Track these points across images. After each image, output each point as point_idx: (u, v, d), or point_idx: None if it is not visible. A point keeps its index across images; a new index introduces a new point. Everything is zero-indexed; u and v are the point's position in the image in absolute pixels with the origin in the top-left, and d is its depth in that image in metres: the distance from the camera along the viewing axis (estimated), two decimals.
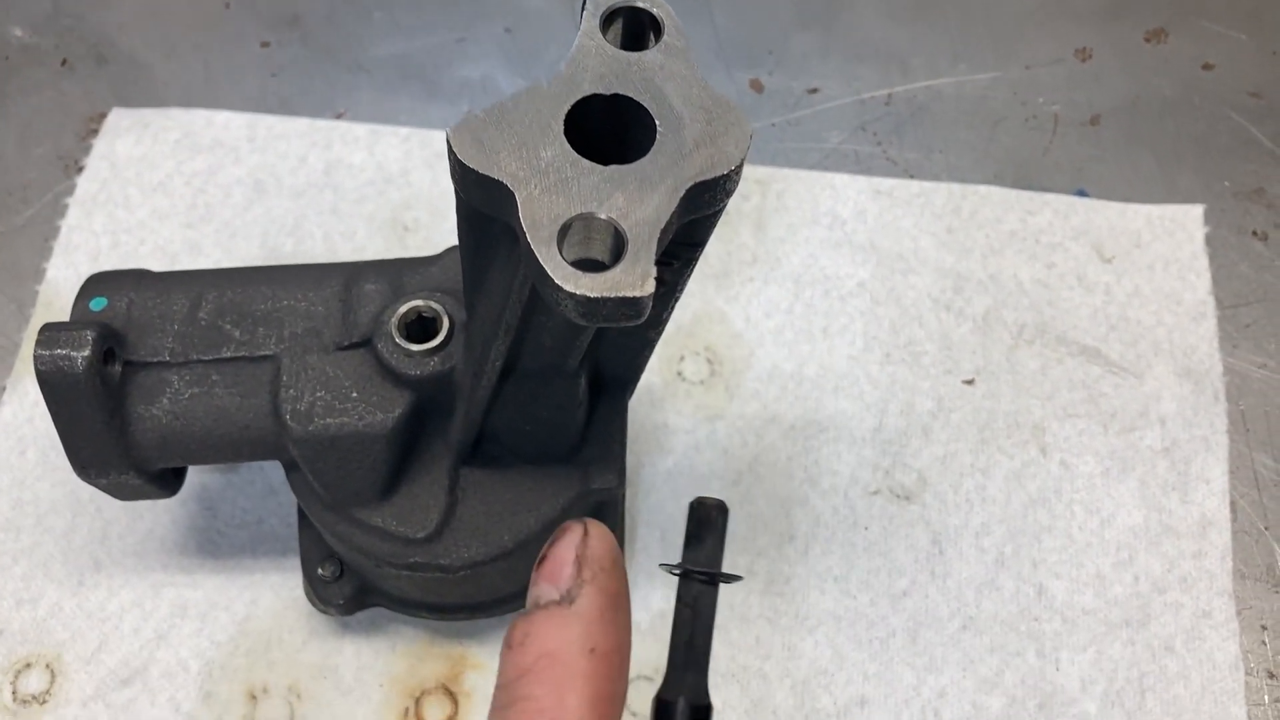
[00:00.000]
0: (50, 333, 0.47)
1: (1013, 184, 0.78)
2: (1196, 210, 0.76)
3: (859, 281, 0.73)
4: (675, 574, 0.43)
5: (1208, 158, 0.80)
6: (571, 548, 0.34)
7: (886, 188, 0.77)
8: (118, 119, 0.80)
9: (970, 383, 0.70)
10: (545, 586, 0.34)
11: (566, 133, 0.32)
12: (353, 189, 0.77)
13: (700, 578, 0.42)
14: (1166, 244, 0.75)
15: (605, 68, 0.33)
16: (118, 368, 0.50)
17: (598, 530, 0.35)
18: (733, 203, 0.75)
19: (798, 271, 0.74)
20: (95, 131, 0.80)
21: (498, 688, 0.33)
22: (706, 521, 0.42)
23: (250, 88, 0.83)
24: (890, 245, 0.75)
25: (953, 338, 0.71)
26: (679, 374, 0.70)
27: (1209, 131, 0.81)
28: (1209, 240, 0.75)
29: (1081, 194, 0.78)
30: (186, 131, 0.79)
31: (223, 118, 0.80)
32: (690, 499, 0.45)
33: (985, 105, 0.83)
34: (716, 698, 0.60)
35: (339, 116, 0.81)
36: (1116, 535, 0.65)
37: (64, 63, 0.84)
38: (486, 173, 0.32)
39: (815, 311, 0.72)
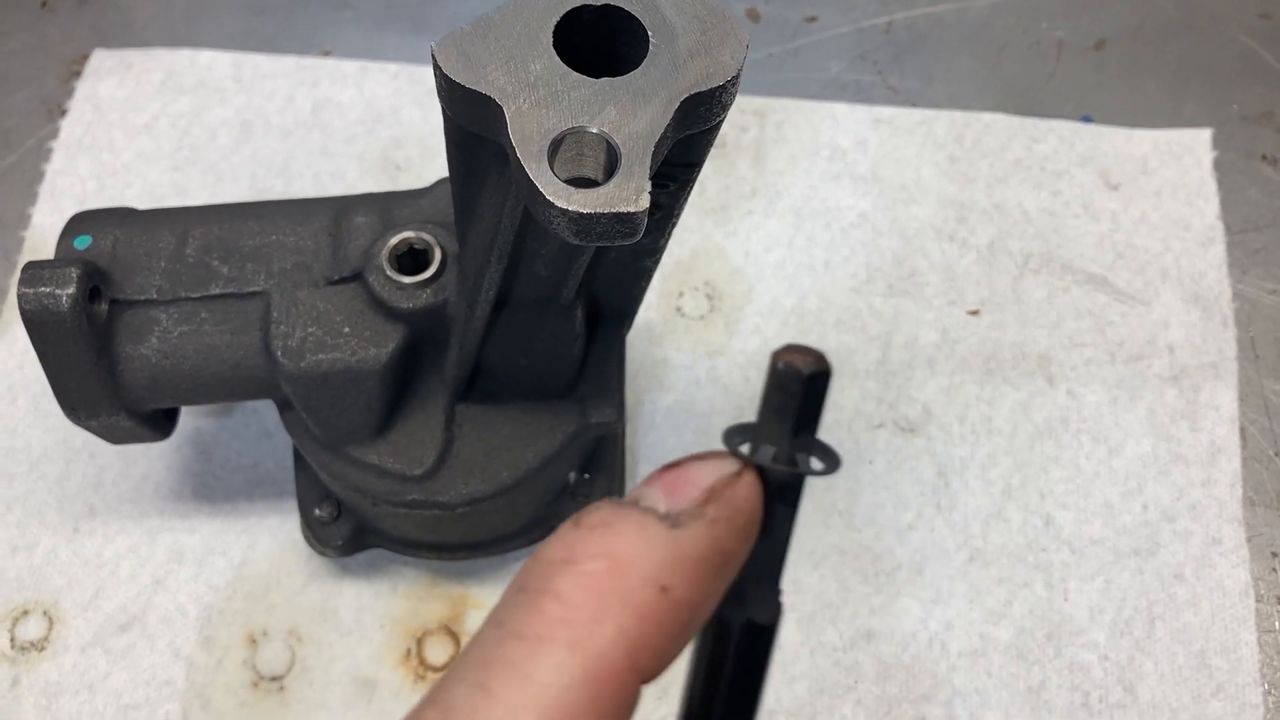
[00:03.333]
0: (34, 270, 0.46)
1: (1016, 112, 0.76)
2: (1204, 134, 0.75)
3: (860, 213, 0.72)
4: (762, 463, 0.29)
5: (1215, 81, 0.78)
6: (713, 474, 0.27)
7: (887, 117, 0.76)
8: (100, 60, 0.78)
9: (975, 313, 0.69)
10: (656, 493, 0.27)
11: (556, 46, 0.31)
12: (342, 128, 0.76)
13: (790, 469, 0.29)
14: (1174, 169, 0.73)
15: None
16: (104, 306, 0.48)
17: (751, 480, 0.28)
18: (731, 134, 0.74)
19: (798, 204, 0.72)
20: (77, 74, 0.78)
21: (534, 559, 0.26)
22: (800, 390, 0.28)
23: (235, 26, 0.81)
24: (892, 175, 0.73)
25: (957, 268, 0.70)
26: (678, 310, 0.69)
27: (1216, 55, 0.79)
28: (1217, 165, 0.74)
29: (1087, 120, 0.76)
30: (170, 72, 0.78)
31: (207, 57, 0.78)
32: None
33: (987, 32, 0.81)
34: None
35: (326, 54, 0.79)
36: (1125, 464, 0.64)
37: (43, 4, 0.82)
38: (473, 87, 0.31)
39: (816, 244, 0.71)
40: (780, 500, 0.29)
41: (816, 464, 0.29)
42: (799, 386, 0.28)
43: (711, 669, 0.30)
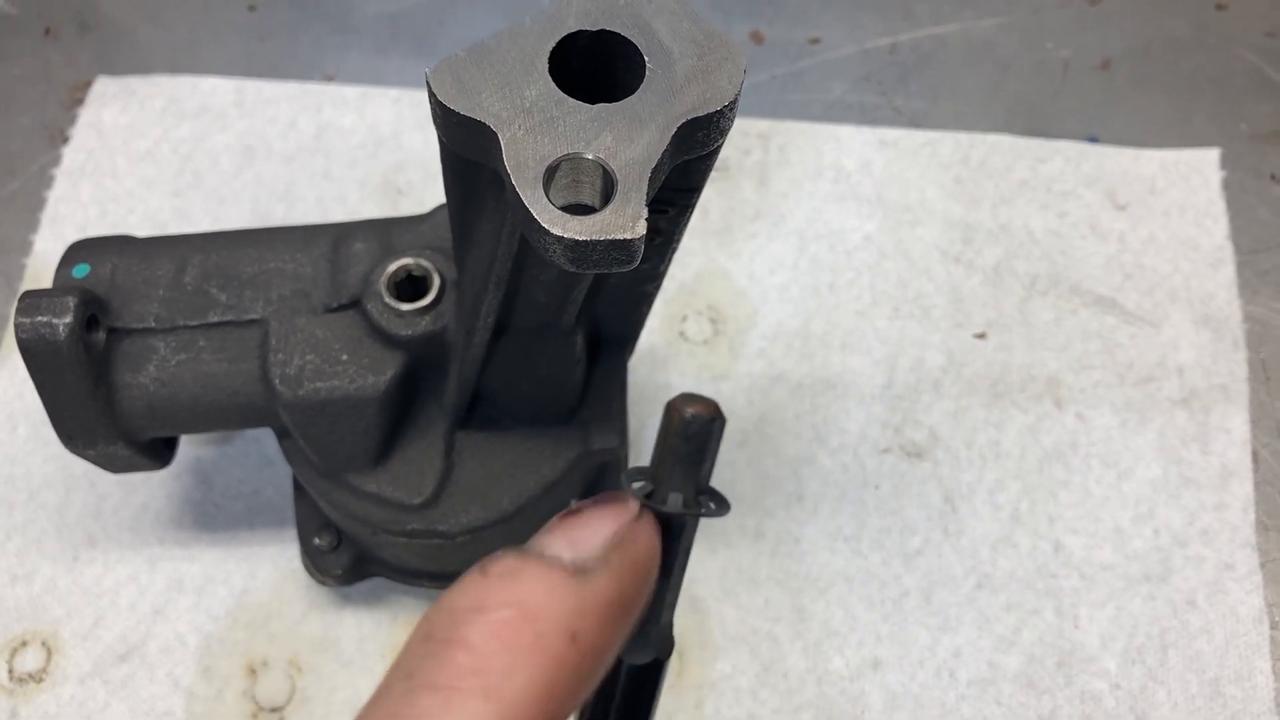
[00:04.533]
0: (31, 299, 0.46)
1: (1022, 132, 0.76)
2: (1212, 154, 0.74)
3: (865, 235, 0.71)
4: (662, 509, 0.31)
5: (1223, 100, 0.78)
6: (614, 522, 0.28)
7: (892, 138, 0.75)
8: (103, 87, 0.78)
9: (982, 336, 0.68)
10: (560, 543, 0.27)
11: (552, 72, 0.31)
12: (344, 152, 0.75)
13: (692, 512, 0.31)
14: (1182, 189, 0.73)
15: (591, 3, 0.32)
16: (102, 335, 0.48)
17: (650, 527, 0.29)
18: (734, 157, 0.73)
19: (802, 226, 0.72)
20: (80, 100, 0.78)
21: (441, 607, 0.26)
22: (704, 439, 0.30)
23: (237, 52, 0.81)
24: (897, 197, 0.73)
25: (963, 290, 0.69)
26: (681, 334, 0.69)
27: (1224, 73, 0.79)
28: (1225, 184, 0.73)
29: (1093, 140, 0.75)
30: (173, 98, 0.78)
31: (209, 83, 0.78)
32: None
33: (992, 52, 0.81)
34: (725, 661, 0.59)
35: (328, 79, 0.79)
36: (1135, 488, 0.64)
37: (47, 31, 0.82)
38: (468, 114, 0.30)
39: (821, 267, 0.71)
40: (677, 540, 0.30)
41: (711, 506, 0.31)
42: (704, 435, 0.30)
43: (601, 703, 0.31)
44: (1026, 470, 0.64)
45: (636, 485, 0.31)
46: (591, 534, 0.28)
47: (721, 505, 0.31)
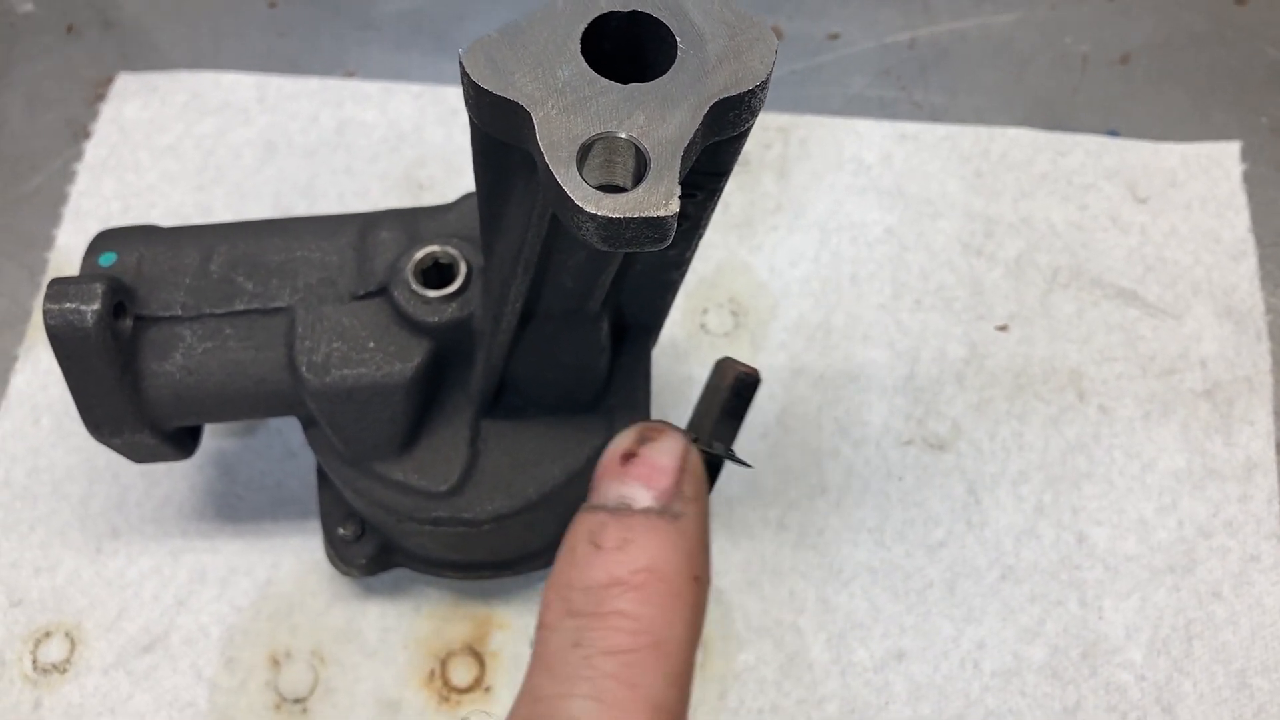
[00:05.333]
0: (59, 286, 0.46)
1: (1042, 126, 0.76)
2: (1233, 147, 0.74)
3: (886, 228, 0.71)
4: (709, 450, 0.35)
5: (1243, 93, 0.77)
6: (674, 455, 0.30)
7: (912, 132, 0.75)
8: (125, 83, 0.79)
9: (1004, 328, 0.68)
10: (638, 489, 0.30)
11: (584, 52, 0.31)
12: (365, 147, 0.76)
13: (732, 457, 0.36)
14: (1203, 182, 0.73)
15: None
16: (129, 322, 0.48)
17: (697, 457, 0.31)
18: (755, 151, 0.74)
19: (823, 219, 0.72)
20: (103, 96, 0.78)
21: (577, 587, 0.28)
22: (750, 395, 0.35)
23: (258, 49, 0.81)
24: (917, 190, 0.73)
25: (984, 283, 0.69)
26: (702, 326, 0.69)
27: (1244, 67, 0.79)
28: (1246, 177, 0.73)
29: (1113, 134, 0.75)
30: (195, 94, 0.78)
31: (231, 79, 0.78)
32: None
33: (1011, 46, 0.80)
34: (749, 653, 0.59)
35: (349, 75, 0.79)
36: (1158, 480, 0.63)
37: (69, 29, 0.82)
38: (501, 94, 0.30)
39: (842, 259, 0.70)
40: (712, 485, 0.34)
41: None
42: (751, 392, 0.34)
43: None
44: (1050, 462, 0.64)
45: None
46: (659, 472, 0.30)
47: (744, 463, 0.36)
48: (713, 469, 0.33)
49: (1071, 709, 0.58)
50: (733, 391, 0.34)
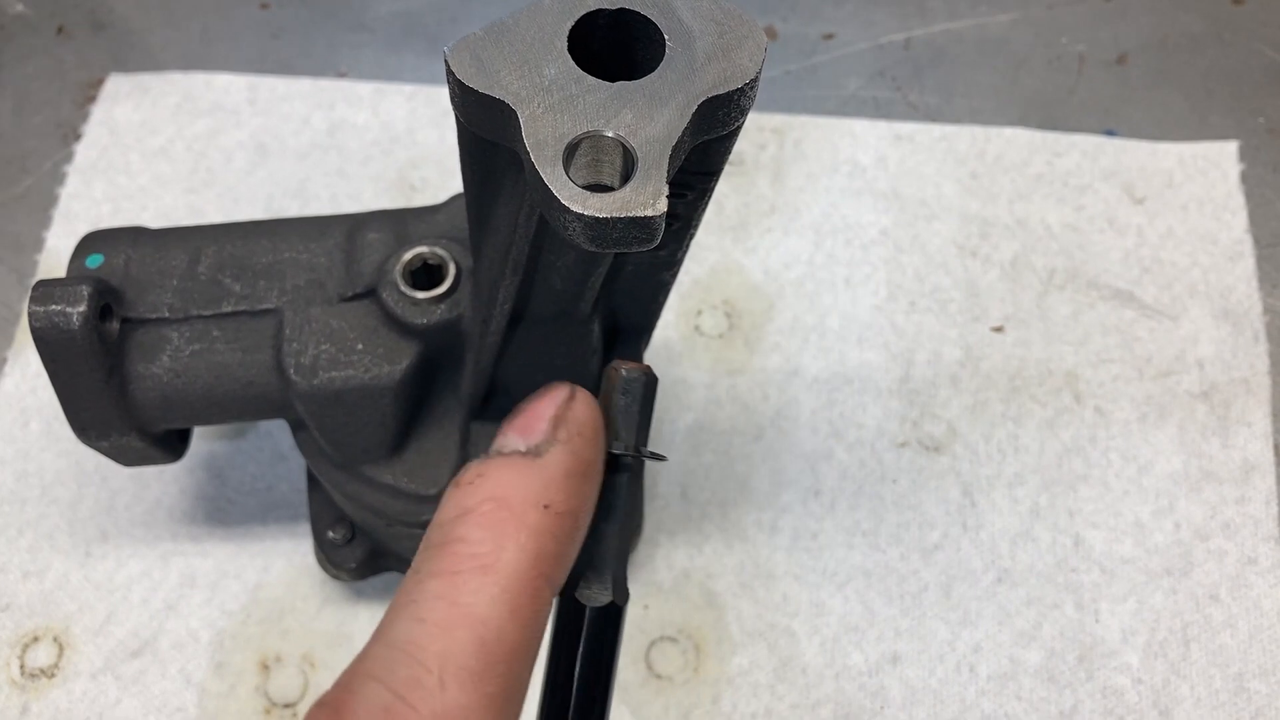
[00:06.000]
0: (45, 288, 0.46)
1: (1038, 126, 0.75)
2: (1230, 147, 0.73)
3: (881, 229, 0.71)
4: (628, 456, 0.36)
5: (1240, 94, 0.77)
6: (552, 405, 0.32)
7: (907, 133, 0.75)
8: (116, 85, 0.78)
9: (999, 330, 0.67)
10: (513, 437, 0.31)
11: (571, 51, 0.30)
12: (358, 149, 0.75)
13: (632, 457, 0.36)
14: (1200, 183, 0.72)
15: None
16: (115, 324, 0.48)
17: (585, 396, 0.33)
18: (749, 152, 0.73)
19: (818, 221, 0.71)
20: (93, 98, 0.78)
21: (433, 524, 0.30)
22: (639, 392, 0.35)
23: (250, 50, 0.81)
24: (912, 191, 0.72)
25: (980, 284, 0.69)
26: (696, 328, 0.68)
27: (1241, 67, 0.78)
28: (1244, 178, 0.72)
29: (1110, 134, 0.75)
30: (186, 95, 0.77)
31: (223, 80, 0.78)
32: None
33: (1007, 47, 0.80)
34: (743, 656, 0.59)
35: (341, 76, 0.79)
36: (1155, 482, 0.63)
37: (60, 30, 0.82)
38: (487, 92, 0.30)
39: (837, 261, 0.70)
40: (625, 489, 0.34)
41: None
42: (638, 388, 0.34)
43: (566, 651, 0.34)
44: (1046, 464, 0.64)
45: None
46: (536, 420, 0.32)
47: (657, 456, 0.35)
48: (618, 477, 0.34)
49: (1068, 713, 0.58)
50: (620, 392, 0.35)
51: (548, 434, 0.31)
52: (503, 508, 0.29)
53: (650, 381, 0.35)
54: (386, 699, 0.25)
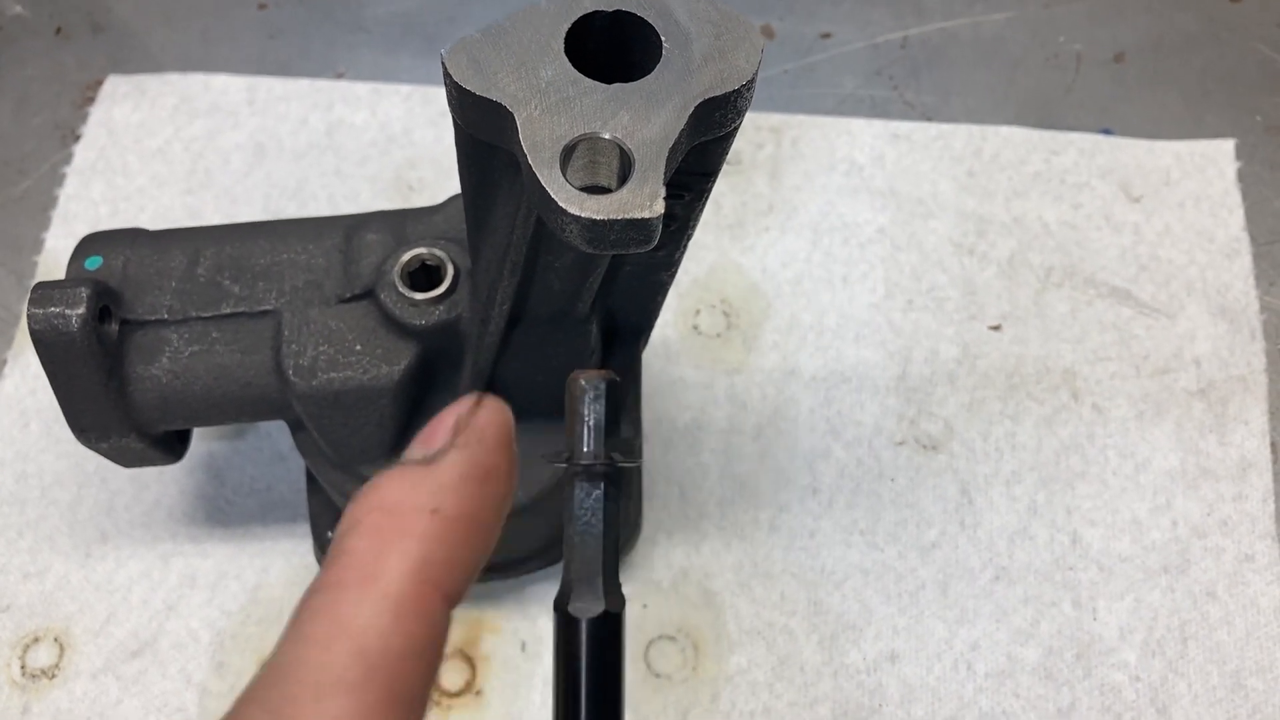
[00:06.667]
0: (43, 291, 0.46)
1: (1035, 125, 0.76)
2: (1227, 145, 0.74)
3: (878, 228, 0.71)
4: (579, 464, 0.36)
5: (1237, 92, 0.77)
6: (453, 414, 0.31)
7: (904, 131, 0.75)
8: (114, 86, 0.78)
9: (997, 328, 0.68)
10: (415, 448, 0.30)
11: (568, 52, 0.31)
12: (355, 150, 0.75)
13: (605, 467, 0.36)
14: (1197, 181, 0.72)
15: None
16: (114, 326, 0.48)
17: (492, 403, 0.32)
18: (746, 151, 0.73)
19: (815, 220, 0.72)
20: (92, 99, 0.78)
21: (330, 541, 0.30)
22: (610, 402, 0.35)
23: (248, 51, 0.81)
24: (910, 190, 0.72)
25: (977, 283, 0.69)
26: (694, 327, 0.68)
27: (1237, 65, 0.78)
28: (1241, 176, 0.73)
29: (1107, 133, 0.75)
30: (184, 96, 0.78)
31: (221, 81, 0.78)
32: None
33: (1004, 46, 0.80)
34: (741, 655, 0.59)
35: (339, 76, 0.79)
36: (1153, 480, 0.63)
37: (58, 31, 0.82)
38: (484, 94, 0.30)
39: (834, 260, 0.70)
40: (606, 497, 0.34)
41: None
42: (599, 393, 0.34)
43: (567, 661, 0.34)
44: (1043, 462, 0.64)
45: (549, 455, 0.35)
46: (438, 428, 0.30)
47: (630, 456, 0.35)
48: (600, 477, 0.34)
49: (1066, 711, 0.58)
50: (581, 401, 0.35)
51: (446, 441, 0.30)
52: (387, 516, 0.28)
53: (612, 386, 0.35)
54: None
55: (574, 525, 0.34)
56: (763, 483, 0.64)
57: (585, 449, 0.34)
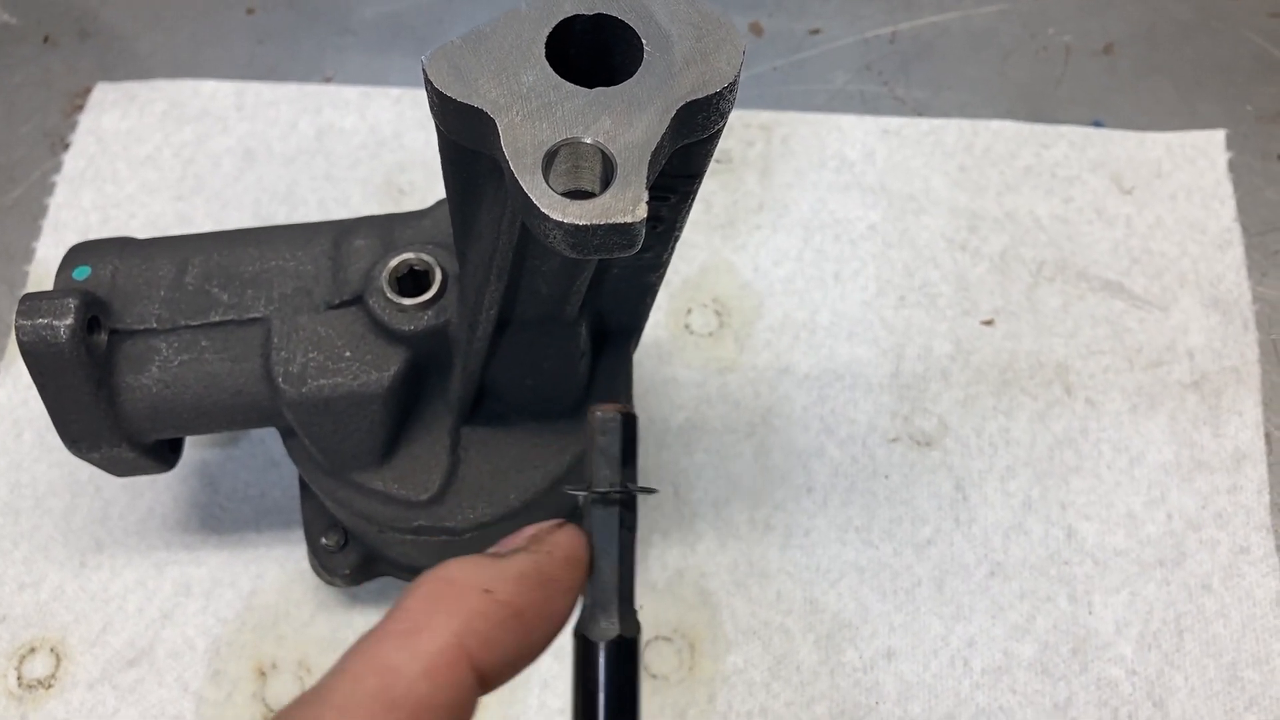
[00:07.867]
0: (31, 302, 0.46)
1: (1026, 118, 0.75)
2: (1218, 136, 0.74)
3: (870, 224, 0.71)
4: (613, 495, 0.37)
5: (1228, 82, 0.77)
6: (536, 527, 0.34)
7: (895, 127, 0.75)
8: (103, 93, 0.78)
9: (989, 323, 0.68)
10: (494, 547, 0.33)
11: (549, 57, 0.30)
12: (345, 153, 0.75)
13: (620, 495, 0.37)
14: (1188, 172, 0.72)
15: None
16: (103, 336, 0.48)
17: (571, 529, 0.34)
18: (737, 149, 0.73)
19: (806, 217, 0.72)
20: (80, 107, 0.78)
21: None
22: (618, 431, 0.37)
23: (237, 56, 0.81)
24: (901, 186, 0.72)
25: (969, 278, 0.69)
26: (686, 327, 0.68)
27: (1229, 56, 0.78)
28: (1232, 166, 0.73)
29: (1098, 125, 0.75)
30: (173, 102, 0.77)
31: (209, 87, 0.78)
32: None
33: (994, 39, 0.80)
34: (737, 655, 0.59)
35: (328, 80, 0.79)
36: (1147, 473, 0.63)
37: (46, 39, 0.82)
38: (465, 100, 0.30)
39: (826, 257, 0.70)
40: (621, 525, 0.35)
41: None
42: (616, 428, 0.35)
43: (585, 684, 0.35)
44: (1037, 457, 0.64)
45: (571, 488, 0.36)
46: (518, 535, 0.34)
47: (646, 490, 0.36)
48: (616, 504, 0.36)
49: (1062, 705, 0.58)
50: (599, 433, 0.36)
51: (520, 544, 0.33)
52: (445, 585, 0.30)
53: (628, 420, 0.36)
54: None
55: (592, 552, 0.36)
56: (757, 482, 0.63)
57: (602, 478, 0.35)
